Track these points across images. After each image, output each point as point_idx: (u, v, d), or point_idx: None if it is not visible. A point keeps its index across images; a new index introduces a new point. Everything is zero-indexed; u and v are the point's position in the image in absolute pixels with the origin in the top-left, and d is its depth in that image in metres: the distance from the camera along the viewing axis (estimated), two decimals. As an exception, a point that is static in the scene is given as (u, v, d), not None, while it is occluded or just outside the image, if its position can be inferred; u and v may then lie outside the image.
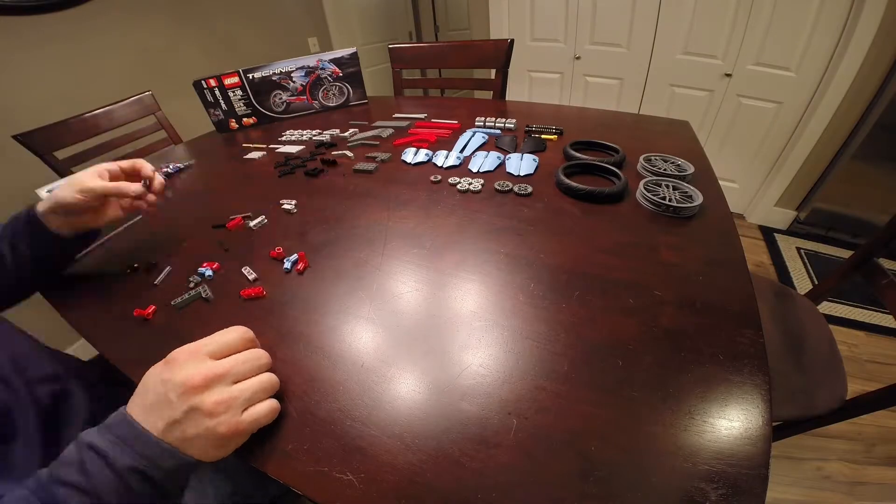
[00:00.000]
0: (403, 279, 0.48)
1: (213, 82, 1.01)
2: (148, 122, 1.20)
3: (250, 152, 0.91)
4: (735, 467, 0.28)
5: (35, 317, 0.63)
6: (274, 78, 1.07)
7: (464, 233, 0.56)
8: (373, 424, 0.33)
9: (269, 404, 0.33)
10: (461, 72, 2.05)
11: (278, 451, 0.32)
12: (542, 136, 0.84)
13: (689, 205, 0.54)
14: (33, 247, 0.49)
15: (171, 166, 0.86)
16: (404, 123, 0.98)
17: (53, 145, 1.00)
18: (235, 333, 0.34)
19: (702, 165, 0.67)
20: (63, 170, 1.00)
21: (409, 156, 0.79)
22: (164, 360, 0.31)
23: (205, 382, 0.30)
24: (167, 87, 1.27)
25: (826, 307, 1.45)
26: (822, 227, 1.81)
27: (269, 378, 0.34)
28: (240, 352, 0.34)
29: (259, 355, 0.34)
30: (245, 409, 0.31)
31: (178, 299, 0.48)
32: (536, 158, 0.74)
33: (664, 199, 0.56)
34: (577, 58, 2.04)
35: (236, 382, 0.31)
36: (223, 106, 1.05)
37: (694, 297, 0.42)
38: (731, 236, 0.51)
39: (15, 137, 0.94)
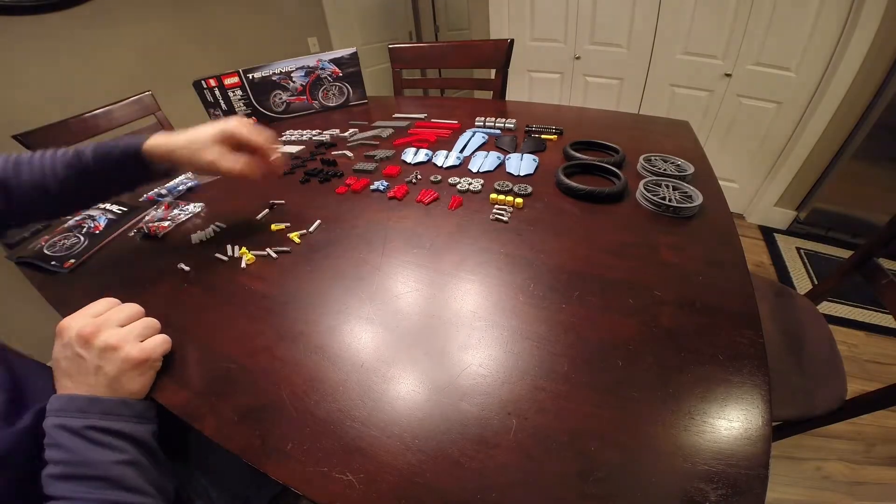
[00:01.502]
0: (403, 279, 0.48)
1: (213, 82, 1.01)
2: (147, 123, 1.20)
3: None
4: (735, 467, 0.28)
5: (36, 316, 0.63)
6: (274, 78, 1.07)
7: (464, 233, 0.56)
8: (372, 425, 0.33)
9: (162, 336, 0.40)
10: (461, 72, 2.04)
11: (278, 452, 0.32)
12: (542, 136, 0.84)
13: (689, 205, 0.54)
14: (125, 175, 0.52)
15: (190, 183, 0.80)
16: (404, 123, 0.98)
17: (53, 145, 0.99)
18: (103, 301, 0.40)
19: (702, 165, 0.67)
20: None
21: (409, 156, 0.79)
22: (55, 337, 0.37)
23: (96, 327, 0.36)
24: (167, 87, 1.27)
25: (826, 307, 1.45)
26: (822, 227, 1.81)
27: (149, 319, 0.40)
28: None
29: (128, 309, 0.40)
30: (141, 341, 0.38)
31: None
32: (536, 158, 0.74)
33: (664, 199, 0.56)
34: (577, 58, 2.04)
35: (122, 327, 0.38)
36: (223, 106, 1.05)
37: (694, 297, 0.42)
38: (731, 236, 0.51)
39: (15, 137, 0.94)
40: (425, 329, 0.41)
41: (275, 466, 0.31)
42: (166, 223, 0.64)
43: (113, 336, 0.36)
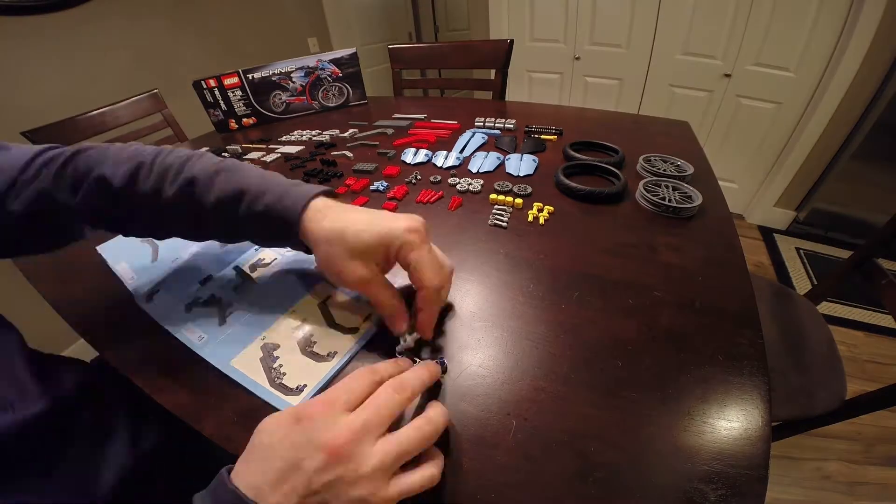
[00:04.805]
0: (403, 279, 0.48)
1: (212, 82, 1.01)
2: (154, 120, 1.21)
3: (250, 152, 0.91)
4: (734, 468, 0.28)
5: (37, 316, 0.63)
6: (273, 78, 1.07)
7: (463, 233, 0.56)
8: (372, 425, 0.33)
9: (425, 472, 0.25)
10: (461, 72, 2.05)
11: (277, 452, 0.32)
12: (542, 137, 0.84)
13: (689, 205, 0.54)
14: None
15: None
16: (404, 124, 0.98)
17: (60, 142, 0.99)
18: (362, 377, 0.28)
19: (701, 166, 0.67)
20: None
21: (409, 156, 0.79)
22: (290, 414, 0.25)
23: (351, 441, 0.23)
24: (167, 87, 1.27)
25: (825, 307, 1.45)
26: (822, 228, 1.81)
27: (428, 420, 0.27)
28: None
29: (402, 386, 0.27)
30: (395, 471, 0.24)
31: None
32: (536, 159, 0.74)
33: (664, 199, 0.56)
34: (577, 58, 2.04)
35: (381, 437, 0.25)
36: (223, 106, 1.05)
37: (693, 298, 0.42)
38: (731, 237, 0.51)
39: (24, 134, 0.94)
40: (425, 329, 0.41)
41: (274, 467, 0.31)
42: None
43: (363, 459, 0.23)
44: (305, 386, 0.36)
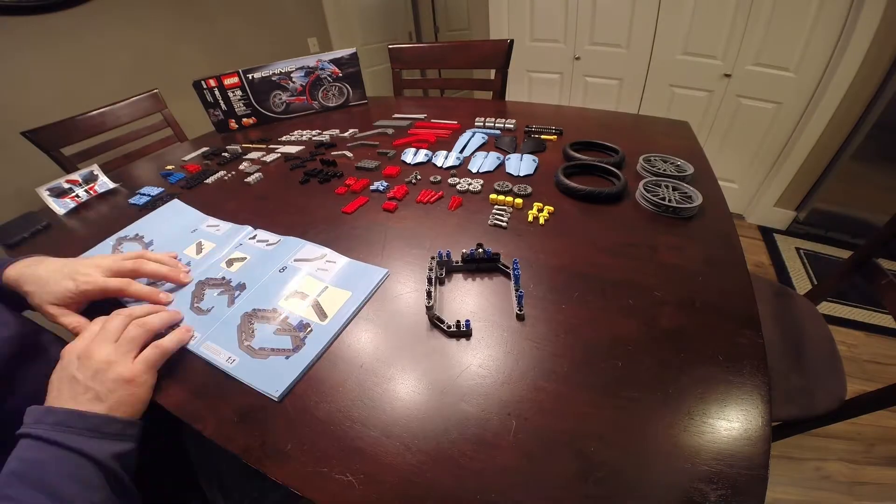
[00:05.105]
0: (403, 279, 0.48)
1: (212, 82, 1.01)
2: (154, 120, 1.21)
3: (250, 152, 0.91)
4: (734, 468, 0.28)
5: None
6: (273, 78, 1.07)
7: (463, 233, 0.56)
8: (372, 425, 0.33)
9: (160, 343, 0.39)
10: (461, 72, 2.04)
11: (277, 452, 0.32)
12: (542, 137, 0.84)
13: (689, 205, 0.54)
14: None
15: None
16: (404, 124, 0.98)
17: (60, 142, 1.00)
18: (97, 322, 0.39)
19: (701, 166, 0.67)
20: (70, 166, 1.00)
21: (409, 156, 0.79)
22: (74, 354, 0.36)
23: (88, 344, 0.36)
24: (167, 87, 1.27)
25: (825, 307, 1.45)
26: (822, 228, 1.81)
27: (150, 319, 0.40)
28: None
29: (130, 313, 0.40)
30: (135, 354, 0.37)
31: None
32: (536, 159, 0.74)
33: (664, 199, 0.56)
34: (577, 58, 2.04)
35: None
36: (223, 106, 1.05)
37: (693, 298, 0.42)
38: (731, 237, 0.51)
39: (24, 134, 0.94)
40: (425, 329, 0.41)
41: (274, 467, 0.31)
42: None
43: (102, 352, 0.36)
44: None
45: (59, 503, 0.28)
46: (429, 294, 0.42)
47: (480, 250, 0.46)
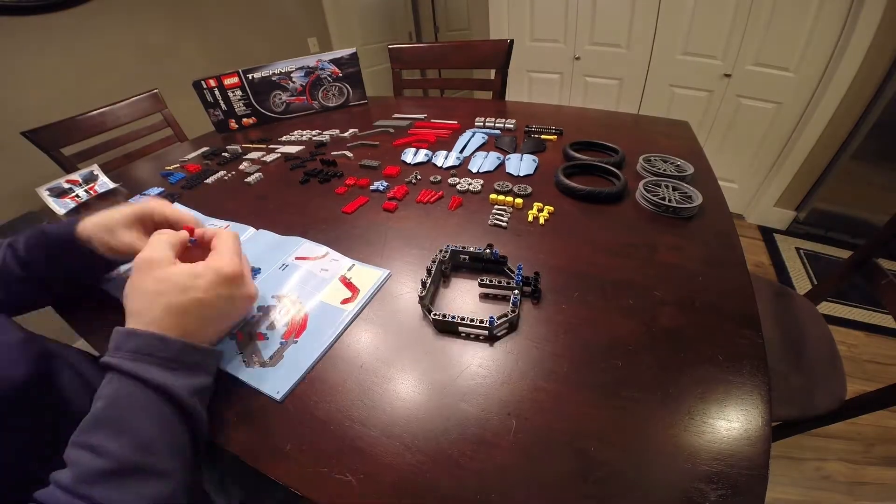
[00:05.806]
0: (403, 279, 0.48)
1: (212, 82, 1.01)
2: (154, 120, 1.21)
3: (250, 152, 0.91)
4: (734, 468, 0.28)
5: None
6: (274, 78, 1.07)
7: (463, 233, 0.56)
8: (372, 425, 0.33)
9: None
10: (461, 72, 2.05)
11: (277, 452, 0.32)
12: (542, 137, 0.84)
13: (689, 205, 0.54)
14: (68, 265, 0.45)
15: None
16: (404, 124, 0.98)
17: (60, 142, 1.00)
18: (162, 244, 0.38)
19: (701, 166, 0.67)
20: (70, 166, 1.00)
21: (409, 156, 0.79)
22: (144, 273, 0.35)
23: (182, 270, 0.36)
24: (167, 87, 1.27)
25: (825, 307, 1.45)
26: (822, 228, 1.81)
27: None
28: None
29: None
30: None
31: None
32: (536, 159, 0.74)
33: (664, 199, 0.56)
34: (577, 58, 2.04)
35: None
36: (223, 106, 1.05)
37: (693, 298, 0.42)
38: (731, 237, 0.51)
39: (24, 134, 0.94)
40: (425, 329, 0.41)
41: (274, 467, 0.31)
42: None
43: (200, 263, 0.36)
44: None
45: (144, 451, 0.27)
46: (423, 284, 0.42)
47: (488, 251, 0.46)
